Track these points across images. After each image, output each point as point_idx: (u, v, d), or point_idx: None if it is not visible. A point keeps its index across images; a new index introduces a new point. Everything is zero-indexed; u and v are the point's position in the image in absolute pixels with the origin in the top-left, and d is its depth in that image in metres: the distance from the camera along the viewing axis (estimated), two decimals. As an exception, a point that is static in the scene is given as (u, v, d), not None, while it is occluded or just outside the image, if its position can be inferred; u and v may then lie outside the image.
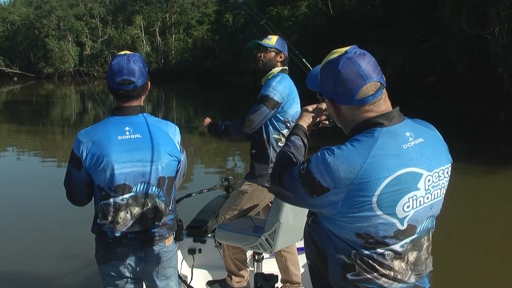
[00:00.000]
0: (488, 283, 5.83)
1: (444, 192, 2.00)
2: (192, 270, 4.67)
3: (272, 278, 3.83)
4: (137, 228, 2.85)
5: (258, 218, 4.33)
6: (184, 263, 4.87)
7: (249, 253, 4.56)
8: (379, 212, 1.83)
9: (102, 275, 2.95)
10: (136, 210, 2.83)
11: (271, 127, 4.22)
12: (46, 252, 6.85)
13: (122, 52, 2.94)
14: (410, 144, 1.89)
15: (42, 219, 8.40)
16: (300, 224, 4.13)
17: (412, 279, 1.97)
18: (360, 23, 32.92)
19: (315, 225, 2.02)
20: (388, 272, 1.91)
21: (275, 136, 4.22)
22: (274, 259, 4.50)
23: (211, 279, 4.72)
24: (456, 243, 7.06)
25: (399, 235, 1.89)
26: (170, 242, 3.04)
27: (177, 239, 3.18)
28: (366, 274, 1.89)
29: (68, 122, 24.91)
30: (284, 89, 4.14)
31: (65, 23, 76.07)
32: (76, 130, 20.94)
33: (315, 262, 2.02)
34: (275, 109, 4.12)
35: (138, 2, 76.36)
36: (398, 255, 1.91)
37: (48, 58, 73.21)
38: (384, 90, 1.94)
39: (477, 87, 22.85)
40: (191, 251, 4.83)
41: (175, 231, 3.12)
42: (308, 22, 38.92)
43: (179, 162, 3.02)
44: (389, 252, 1.89)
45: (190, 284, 4.50)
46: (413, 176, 1.86)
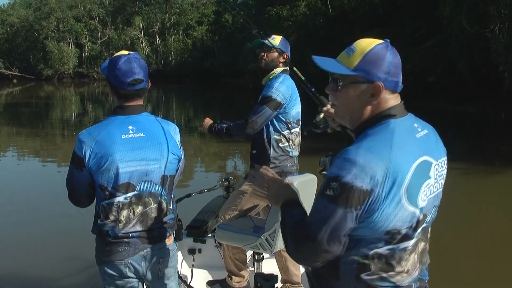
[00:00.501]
0: (490, 284, 5.79)
1: (443, 183, 2.01)
2: (192, 270, 4.66)
3: (272, 278, 3.82)
4: (139, 227, 2.85)
5: (258, 218, 4.32)
6: (184, 263, 4.86)
7: (249, 253, 4.55)
8: (406, 203, 1.80)
9: (103, 276, 2.93)
10: (139, 209, 2.83)
11: (271, 127, 4.21)
12: (46, 253, 6.82)
13: (123, 52, 2.92)
14: (420, 134, 1.92)
15: (42, 220, 8.37)
16: None
17: (417, 272, 1.96)
18: (359, 22, 32.90)
19: None
20: (404, 267, 1.89)
21: (276, 137, 4.21)
22: (274, 259, 4.49)
23: (211, 279, 4.72)
24: (457, 242, 6.99)
25: (417, 226, 1.88)
26: (170, 241, 3.04)
27: (177, 239, 3.17)
28: (381, 272, 1.87)
29: (68, 124, 24.91)
30: (286, 90, 4.13)
31: (64, 25, 76.08)
32: (76, 131, 21.01)
33: (321, 268, 1.93)
34: (278, 110, 4.11)
35: (137, 3, 76.41)
36: (414, 247, 1.90)
37: (48, 60, 73.26)
38: None
39: (477, 86, 22.78)
40: (191, 251, 4.82)
41: (175, 231, 3.11)
42: (308, 22, 38.94)
43: (179, 160, 3.02)
44: (409, 245, 1.88)
45: (190, 284, 4.49)
46: (427, 165, 1.87)
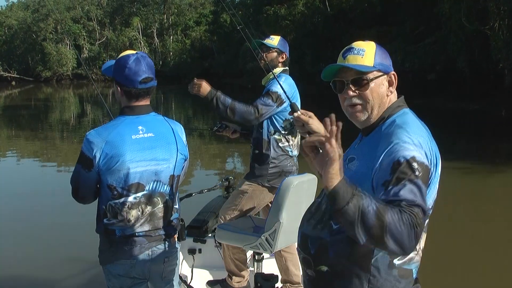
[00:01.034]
0: (491, 284, 5.76)
1: None
2: (192, 270, 4.67)
3: (272, 278, 3.83)
4: (147, 227, 2.86)
5: (258, 218, 4.34)
6: (184, 263, 4.86)
7: (249, 253, 4.57)
8: (437, 182, 1.96)
9: (107, 276, 2.92)
10: (147, 209, 2.84)
11: (272, 127, 4.23)
12: (47, 254, 6.81)
13: (130, 52, 2.91)
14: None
15: (43, 221, 8.37)
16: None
17: None
18: (358, 20, 32.88)
19: None
20: (421, 245, 2.00)
21: (276, 136, 4.23)
22: (274, 259, 4.50)
23: (211, 279, 4.73)
24: (459, 242, 6.95)
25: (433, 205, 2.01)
26: (174, 241, 3.06)
27: (179, 238, 3.16)
28: (411, 253, 1.94)
29: (67, 126, 24.90)
30: (289, 88, 4.16)
31: (62, 26, 76.00)
32: (76, 133, 21.06)
33: (347, 264, 1.95)
34: (280, 107, 4.15)
35: (135, 4, 76.38)
36: (427, 226, 2.02)
37: (46, 62, 73.28)
38: None
39: (477, 83, 22.76)
40: (191, 251, 4.83)
41: (178, 231, 3.13)
42: (306, 21, 38.87)
43: (186, 160, 3.05)
44: (426, 224, 1.99)
45: (190, 284, 4.50)
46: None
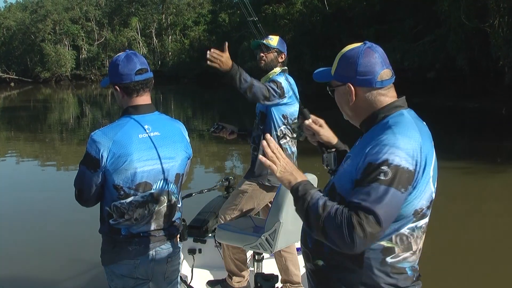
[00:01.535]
0: (491, 285, 5.73)
1: None
2: (192, 270, 4.67)
3: (272, 278, 3.84)
4: (152, 226, 2.87)
5: (258, 218, 4.35)
6: (184, 263, 4.85)
7: (249, 253, 4.57)
8: (431, 182, 1.96)
9: (110, 276, 2.91)
10: (154, 207, 2.85)
11: (273, 125, 4.25)
12: (48, 254, 6.81)
13: (120, 53, 2.95)
14: (424, 124, 2.08)
15: (43, 222, 8.36)
16: (300, 224, 4.05)
17: None
18: (357, 19, 32.80)
19: None
20: (419, 245, 2.03)
21: (277, 133, 4.25)
22: (274, 259, 4.50)
23: (211, 279, 4.74)
24: (460, 243, 6.92)
25: (430, 206, 2.01)
26: (177, 241, 3.06)
27: (181, 238, 3.16)
28: (404, 253, 1.98)
29: (66, 127, 24.89)
30: (289, 85, 4.19)
31: (61, 27, 75.98)
32: (75, 134, 21.05)
33: (341, 258, 2.01)
34: (281, 98, 4.16)
35: (134, 4, 76.32)
36: (426, 227, 2.04)
37: (45, 63, 73.25)
38: None
39: (477, 81, 22.72)
40: (191, 251, 4.83)
41: (181, 231, 3.13)
42: (304, 20, 38.80)
43: (189, 159, 3.06)
44: (424, 224, 2.01)
45: (190, 284, 4.51)
46: (434, 151, 2.02)
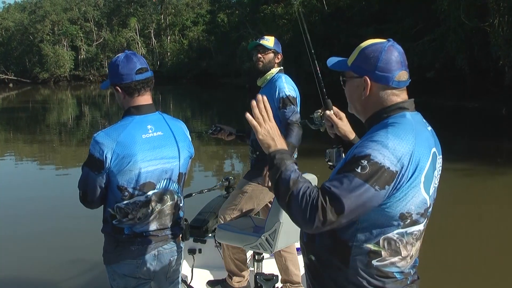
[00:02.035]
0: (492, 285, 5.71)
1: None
2: (192, 270, 4.69)
3: (272, 278, 3.85)
4: (154, 225, 2.87)
5: (258, 218, 4.34)
6: (184, 263, 4.82)
7: (249, 253, 4.57)
8: (422, 189, 1.92)
9: (112, 276, 2.91)
10: (157, 207, 2.86)
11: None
12: (48, 255, 6.82)
13: (119, 54, 2.96)
14: (429, 128, 2.07)
15: (43, 223, 8.33)
16: None
17: (415, 259, 2.09)
18: (356, 19, 32.75)
19: None
20: (410, 252, 2.00)
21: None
22: (274, 259, 4.50)
23: (211, 279, 4.74)
24: (458, 244, 6.85)
25: (425, 213, 1.99)
26: (179, 241, 3.07)
27: (183, 238, 3.17)
28: (391, 258, 1.96)
29: (65, 128, 24.85)
30: (294, 88, 4.28)
31: (59, 28, 75.90)
32: (74, 135, 20.97)
33: (329, 256, 2.02)
34: (297, 105, 4.23)
35: (132, 5, 76.28)
36: (420, 234, 2.02)
37: (44, 63, 73.20)
38: None
39: (477, 81, 22.67)
40: (191, 251, 4.83)
41: (183, 230, 3.14)
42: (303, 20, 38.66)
43: (191, 158, 3.08)
44: (416, 231, 1.98)
45: (190, 284, 4.53)
46: (435, 156, 2.00)
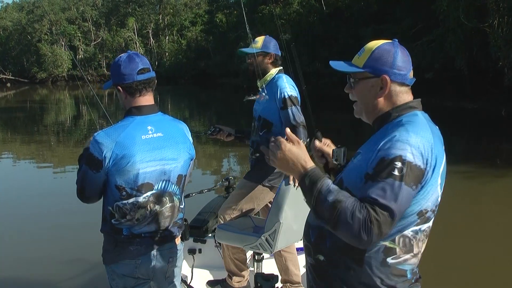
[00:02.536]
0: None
1: None
2: (192, 270, 4.69)
3: (272, 278, 3.85)
4: (153, 226, 2.87)
5: (258, 218, 4.35)
6: (184, 263, 4.82)
7: (249, 253, 4.59)
8: (439, 185, 1.95)
9: (111, 275, 2.92)
10: (156, 208, 2.86)
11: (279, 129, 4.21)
12: (47, 255, 6.81)
13: (122, 54, 2.97)
14: (437, 127, 2.08)
15: (42, 223, 8.34)
16: (300, 224, 3.99)
17: None
18: (354, 19, 32.71)
19: None
20: (420, 248, 2.02)
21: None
22: (274, 259, 4.51)
23: (211, 279, 4.75)
24: (458, 246, 6.81)
25: (435, 210, 2.01)
26: (179, 241, 3.08)
27: (183, 238, 3.17)
28: (405, 255, 1.97)
29: (63, 128, 24.82)
30: (294, 87, 4.22)
31: (57, 27, 75.76)
32: (71, 135, 20.96)
33: (341, 256, 2.01)
34: (299, 104, 4.17)
35: (131, 4, 76.23)
36: (429, 231, 2.03)
37: (41, 63, 73.05)
38: None
39: (477, 82, 22.63)
40: (191, 251, 4.84)
41: (182, 231, 3.14)
42: (301, 20, 38.72)
43: (192, 160, 3.07)
44: (428, 227, 2.00)
45: (190, 284, 4.53)
46: (444, 156, 2.02)
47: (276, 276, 3.91)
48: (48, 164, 14.94)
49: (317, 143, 2.45)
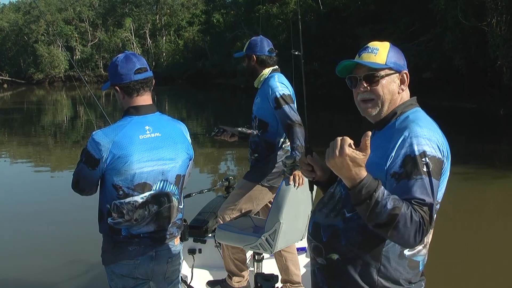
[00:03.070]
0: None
1: None
2: (192, 270, 4.69)
3: (272, 278, 3.86)
4: (152, 227, 2.87)
5: (258, 218, 4.36)
6: (184, 263, 4.82)
7: (249, 253, 4.59)
8: (448, 175, 2.01)
9: (110, 276, 2.92)
10: (154, 208, 2.85)
11: (277, 135, 4.23)
12: (46, 255, 6.81)
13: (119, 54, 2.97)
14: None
15: (42, 223, 8.33)
16: (300, 224, 3.97)
17: None
18: (351, 19, 32.64)
19: None
20: (428, 240, 2.07)
21: (281, 139, 4.24)
22: (274, 259, 4.51)
23: (211, 279, 4.76)
24: (458, 245, 6.80)
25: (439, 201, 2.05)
26: (177, 241, 3.07)
27: (182, 239, 3.16)
28: (418, 246, 1.99)
29: (60, 129, 24.77)
30: (287, 83, 4.20)
31: (54, 28, 75.62)
32: (69, 136, 20.93)
33: (358, 252, 2.01)
34: (293, 102, 4.14)
35: (128, 5, 76.15)
36: (434, 223, 2.04)
37: (38, 64, 72.86)
38: None
39: (475, 81, 22.59)
40: (191, 251, 4.85)
41: (181, 231, 3.13)
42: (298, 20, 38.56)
43: (190, 160, 3.06)
44: (434, 219, 2.00)
45: (190, 284, 4.54)
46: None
47: (276, 276, 3.92)
48: (45, 166, 14.90)
49: (309, 158, 2.38)
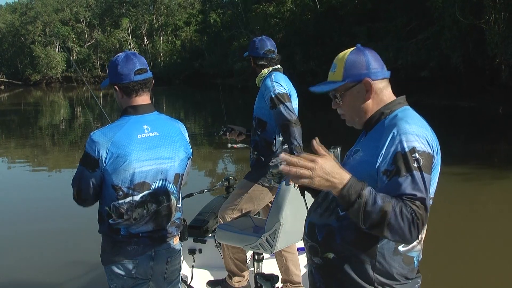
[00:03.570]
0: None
1: None
2: (192, 270, 4.69)
3: (273, 278, 3.86)
4: (151, 226, 2.87)
5: (258, 218, 4.36)
6: (184, 263, 4.86)
7: (249, 253, 4.60)
8: (438, 170, 2.04)
9: (109, 276, 2.92)
10: (153, 207, 2.86)
11: (276, 134, 4.23)
12: (46, 256, 6.82)
13: (119, 53, 2.96)
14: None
15: (40, 224, 8.30)
16: (301, 224, 3.91)
17: None
18: (348, 17, 32.67)
19: None
20: (423, 236, 2.09)
21: (280, 138, 4.23)
22: (274, 259, 4.52)
23: (211, 279, 4.76)
24: (457, 246, 6.74)
25: (432, 197, 2.07)
26: (177, 241, 3.08)
27: (181, 238, 3.17)
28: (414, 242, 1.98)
29: (58, 130, 24.74)
30: (281, 85, 4.16)
31: (51, 29, 75.56)
32: (67, 137, 20.90)
33: (352, 250, 2.02)
34: (290, 100, 4.12)
35: (124, 5, 76.15)
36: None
37: (35, 65, 72.92)
38: None
39: (473, 80, 22.58)
40: (191, 251, 4.85)
41: (180, 231, 3.14)
42: (295, 19, 38.71)
43: (189, 159, 3.07)
44: (428, 214, 2.01)
45: (190, 284, 4.54)
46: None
47: (276, 276, 3.92)
48: (43, 167, 14.87)
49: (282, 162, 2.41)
